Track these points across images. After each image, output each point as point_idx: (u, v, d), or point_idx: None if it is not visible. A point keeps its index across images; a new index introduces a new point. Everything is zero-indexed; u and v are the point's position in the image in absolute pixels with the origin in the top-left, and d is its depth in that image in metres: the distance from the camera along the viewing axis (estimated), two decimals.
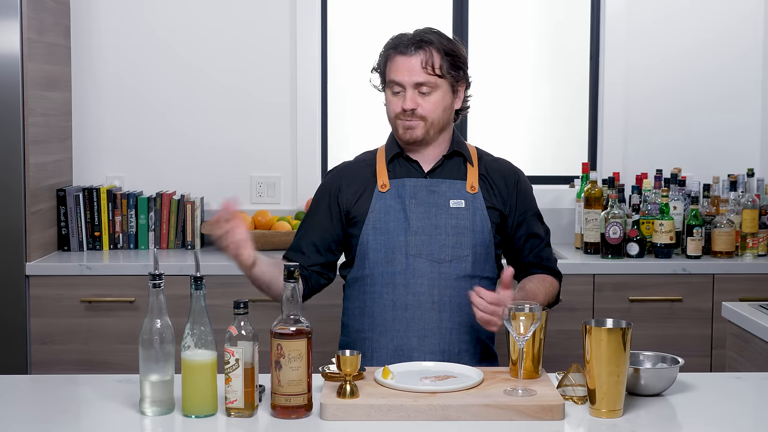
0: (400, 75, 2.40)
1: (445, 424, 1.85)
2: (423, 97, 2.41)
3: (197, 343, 1.87)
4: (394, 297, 2.40)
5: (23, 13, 3.41)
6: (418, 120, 2.41)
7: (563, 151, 4.29)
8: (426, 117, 2.41)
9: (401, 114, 2.42)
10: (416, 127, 2.42)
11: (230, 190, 4.06)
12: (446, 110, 2.45)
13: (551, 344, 2.66)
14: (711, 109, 4.14)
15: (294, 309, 1.89)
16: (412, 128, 2.42)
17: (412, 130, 2.42)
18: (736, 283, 3.57)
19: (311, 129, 4.06)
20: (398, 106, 2.42)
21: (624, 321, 1.91)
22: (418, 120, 2.41)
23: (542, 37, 4.32)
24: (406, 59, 2.40)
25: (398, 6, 4.21)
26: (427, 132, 2.44)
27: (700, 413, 1.96)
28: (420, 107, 2.40)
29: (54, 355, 3.48)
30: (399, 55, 2.42)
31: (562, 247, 3.90)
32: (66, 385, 2.15)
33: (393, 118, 2.45)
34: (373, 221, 2.44)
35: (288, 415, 1.87)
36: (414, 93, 2.40)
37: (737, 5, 4.12)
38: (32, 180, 3.51)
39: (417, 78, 2.39)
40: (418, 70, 2.39)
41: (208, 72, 4.05)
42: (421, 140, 2.45)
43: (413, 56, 2.40)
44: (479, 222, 2.44)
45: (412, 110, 2.40)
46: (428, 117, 2.42)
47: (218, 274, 3.44)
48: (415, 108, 2.40)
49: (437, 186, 2.46)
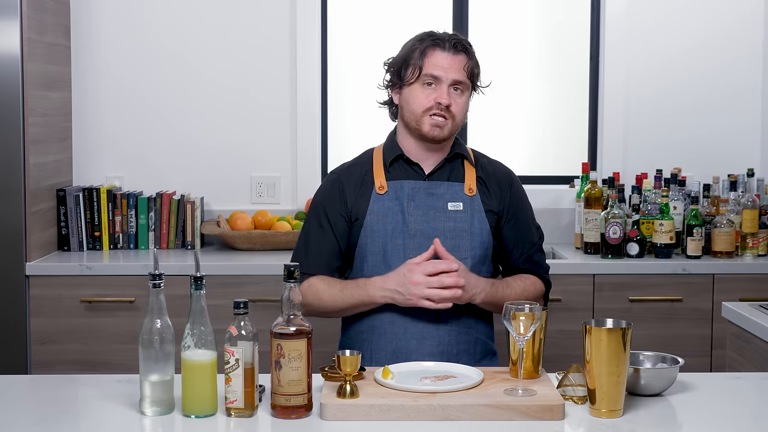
0: (440, 70, 2.40)
1: (445, 424, 1.85)
2: (455, 97, 2.41)
3: (197, 343, 1.87)
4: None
5: (23, 13, 3.41)
6: (448, 119, 2.41)
7: (563, 151, 4.29)
8: (455, 116, 2.42)
9: (432, 108, 2.40)
10: (444, 126, 2.41)
11: (230, 190, 4.06)
12: (466, 115, 2.48)
13: (551, 344, 2.66)
14: (711, 109, 4.14)
15: (294, 309, 1.89)
16: (440, 126, 2.41)
17: (440, 129, 2.41)
18: (736, 283, 3.57)
19: (311, 129, 4.06)
20: (430, 99, 2.40)
21: (624, 321, 1.91)
22: (448, 119, 2.41)
23: (542, 37, 4.32)
24: (449, 56, 2.41)
25: (398, 6, 4.21)
26: (451, 132, 2.44)
27: (700, 413, 1.95)
28: (453, 105, 2.40)
29: (54, 355, 3.48)
30: (440, 50, 2.41)
31: (562, 247, 3.90)
32: (66, 385, 2.14)
33: (420, 112, 2.41)
34: (371, 223, 2.42)
35: (288, 415, 1.87)
36: (449, 90, 2.41)
37: (737, 5, 4.12)
38: (32, 180, 3.51)
39: (456, 76, 2.40)
40: (458, 69, 2.40)
41: (208, 72, 4.05)
42: (442, 139, 2.44)
43: (456, 56, 2.41)
44: (477, 224, 2.44)
45: (447, 106, 2.40)
46: (456, 116, 2.42)
47: (218, 274, 3.44)
48: (449, 104, 2.40)
49: (436, 188, 2.45)
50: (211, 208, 4.05)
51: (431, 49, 2.41)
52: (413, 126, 2.44)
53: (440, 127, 2.41)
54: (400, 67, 2.45)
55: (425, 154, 2.48)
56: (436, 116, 2.40)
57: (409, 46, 2.45)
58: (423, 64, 2.41)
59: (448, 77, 2.40)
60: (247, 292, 3.42)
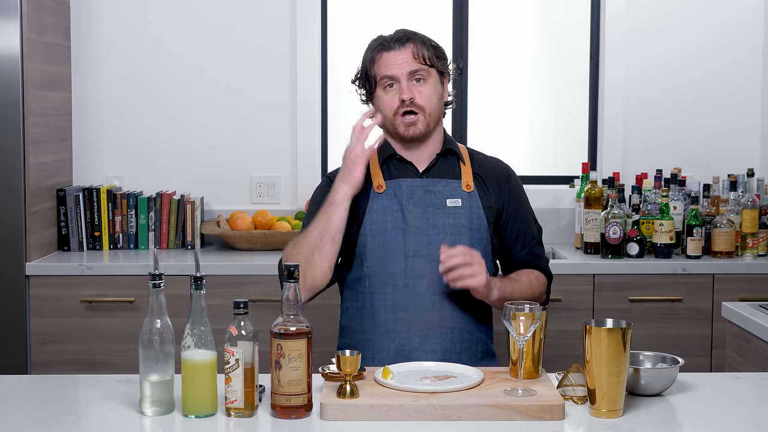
0: (392, 69, 2.42)
1: (445, 424, 1.85)
2: (417, 87, 2.42)
3: (197, 343, 1.87)
4: (394, 298, 2.40)
5: (23, 13, 3.42)
6: (418, 113, 2.41)
7: (563, 151, 4.29)
8: (424, 107, 2.42)
9: (400, 108, 2.42)
10: (417, 121, 2.42)
11: (230, 190, 4.06)
12: (440, 100, 2.47)
13: (551, 344, 2.66)
14: (711, 109, 4.14)
15: (294, 309, 1.89)
16: (413, 123, 2.42)
17: (414, 126, 2.43)
18: (736, 283, 3.57)
19: (311, 129, 4.06)
20: (395, 100, 2.42)
21: (624, 321, 1.91)
22: (418, 113, 2.41)
23: (542, 36, 4.32)
24: (396, 54, 2.42)
25: (398, 6, 4.21)
26: (427, 125, 2.44)
27: (700, 413, 1.95)
28: (417, 96, 2.41)
29: (54, 355, 3.48)
30: (386, 51, 2.43)
31: (562, 247, 3.90)
32: (66, 385, 2.15)
33: (392, 116, 2.44)
34: (371, 222, 2.43)
35: (288, 415, 1.87)
36: (409, 84, 2.42)
37: (737, 5, 4.12)
38: (32, 180, 3.51)
39: (410, 67, 2.41)
40: (409, 61, 2.42)
41: (208, 72, 4.05)
42: (422, 135, 2.45)
43: (402, 50, 2.42)
44: (476, 220, 2.44)
45: (411, 100, 2.40)
46: (426, 107, 2.42)
47: (218, 274, 3.44)
48: (413, 97, 2.41)
49: (433, 185, 2.46)
50: (211, 208, 4.05)
51: (378, 54, 2.45)
52: (391, 130, 2.48)
53: (413, 124, 2.43)
54: (363, 80, 2.50)
55: (414, 152, 2.49)
56: (406, 114, 2.42)
57: (364, 57, 2.50)
58: (376, 68, 2.45)
59: (403, 72, 2.41)
60: (247, 292, 3.42)
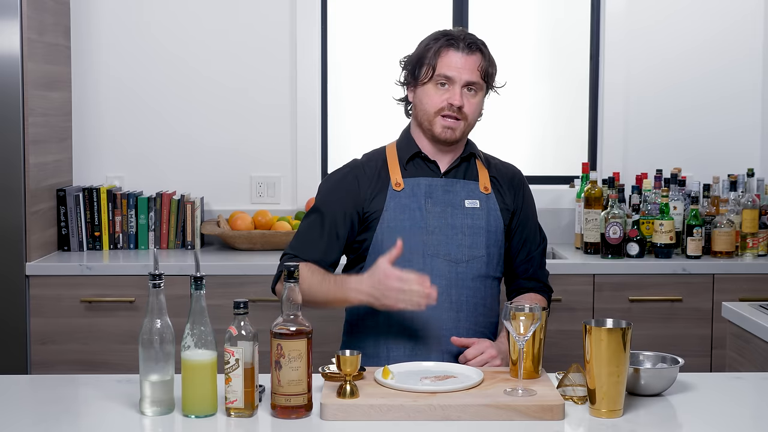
0: (453, 70, 2.39)
1: (445, 424, 1.85)
2: (468, 97, 2.41)
3: (197, 343, 1.87)
4: None
5: (23, 13, 3.41)
6: (461, 120, 2.40)
7: (563, 151, 4.29)
8: (468, 117, 2.41)
9: (444, 109, 2.40)
10: (457, 127, 2.41)
11: (230, 190, 4.06)
12: (479, 116, 2.48)
13: (551, 344, 2.66)
14: (711, 109, 4.14)
15: (294, 309, 1.89)
16: (452, 128, 2.41)
17: (453, 130, 2.41)
18: (736, 283, 3.57)
19: (311, 129, 4.06)
20: (443, 100, 2.40)
21: (624, 321, 1.91)
22: (461, 120, 2.40)
23: (542, 36, 4.32)
24: (463, 56, 2.40)
25: (398, 6, 4.21)
26: (464, 133, 2.44)
27: (700, 413, 1.95)
28: (466, 105, 2.40)
29: (54, 355, 3.48)
30: (454, 50, 2.40)
31: (562, 247, 3.90)
32: (66, 385, 2.14)
33: (433, 113, 2.41)
34: (388, 220, 2.41)
35: (288, 415, 1.87)
36: (462, 90, 2.40)
37: (737, 5, 4.12)
38: (32, 180, 3.51)
39: (470, 77, 2.40)
40: (471, 69, 2.40)
41: (208, 72, 4.05)
42: (455, 141, 2.44)
43: (469, 56, 2.40)
44: (493, 222, 2.45)
45: (459, 107, 2.39)
46: (469, 117, 2.42)
47: (218, 274, 3.44)
48: (462, 106, 2.39)
49: (452, 186, 2.46)
50: (211, 208, 4.05)
51: (445, 49, 2.40)
52: (426, 126, 2.44)
53: (452, 128, 2.41)
54: (414, 66, 2.45)
55: (440, 152, 2.48)
56: (448, 117, 2.40)
57: (424, 44, 2.45)
58: (436, 63, 2.40)
59: (462, 78, 2.39)
60: (247, 292, 3.42)
